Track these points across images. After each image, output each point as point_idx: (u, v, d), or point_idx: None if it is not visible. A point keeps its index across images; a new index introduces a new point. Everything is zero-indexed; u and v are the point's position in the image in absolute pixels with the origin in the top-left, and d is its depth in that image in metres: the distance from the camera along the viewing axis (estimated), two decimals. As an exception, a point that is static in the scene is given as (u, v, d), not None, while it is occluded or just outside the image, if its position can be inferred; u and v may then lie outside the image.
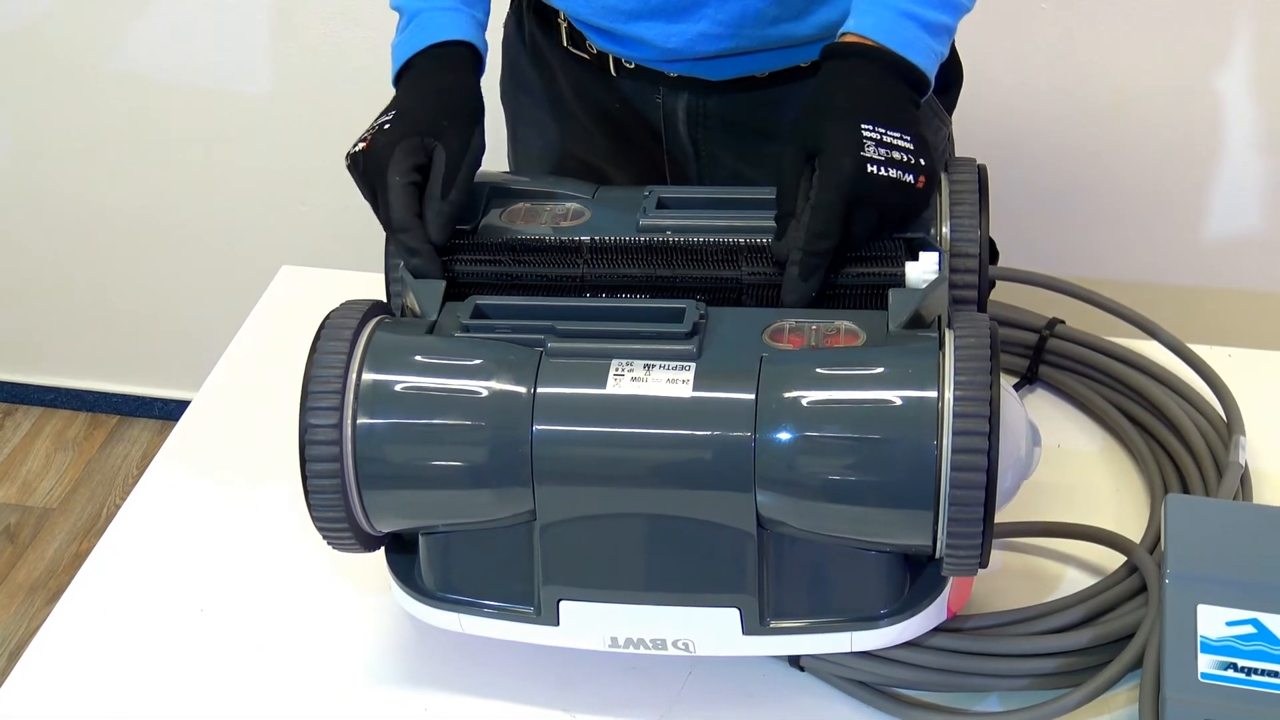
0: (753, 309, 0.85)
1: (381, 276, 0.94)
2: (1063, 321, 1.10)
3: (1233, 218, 1.77)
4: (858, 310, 0.83)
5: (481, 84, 0.99)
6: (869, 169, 0.83)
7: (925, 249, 0.85)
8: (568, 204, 0.95)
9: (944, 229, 0.88)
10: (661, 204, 0.92)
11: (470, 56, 0.99)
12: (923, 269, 0.84)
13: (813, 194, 0.84)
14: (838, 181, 0.83)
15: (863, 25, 0.91)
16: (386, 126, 0.92)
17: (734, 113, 1.15)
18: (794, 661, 0.89)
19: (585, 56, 1.17)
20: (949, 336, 0.77)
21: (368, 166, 0.91)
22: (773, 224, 0.87)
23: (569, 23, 1.16)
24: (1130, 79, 1.68)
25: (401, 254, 0.88)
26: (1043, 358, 1.09)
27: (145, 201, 2.11)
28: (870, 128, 0.85)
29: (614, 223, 0.91)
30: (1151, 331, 1.07)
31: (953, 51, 1.22)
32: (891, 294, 0.82)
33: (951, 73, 1.21)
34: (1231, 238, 1.78)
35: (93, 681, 0.92)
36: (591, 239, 0.89)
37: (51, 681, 0.93)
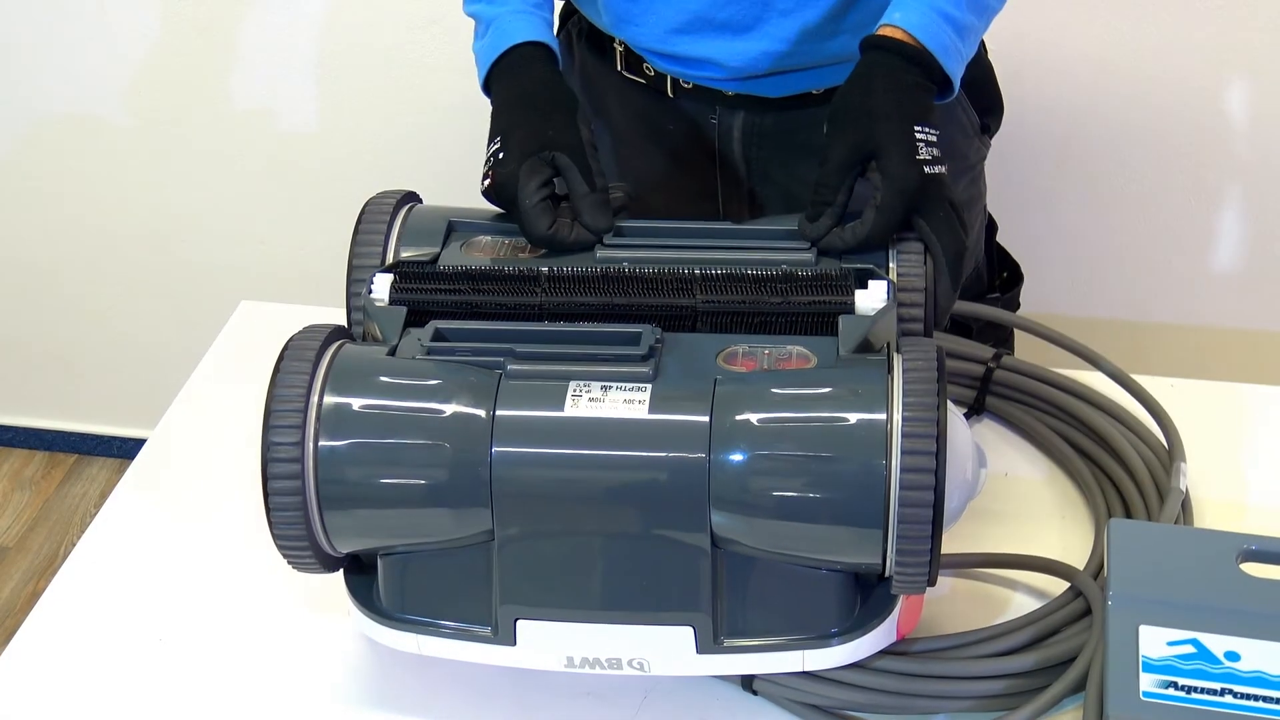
0: (707, 334, 0.86)
1: (341, 311, 0.94)
2: (1009, 353, 1.11)
3: (1173, 255, 1.81)
4: (809, 336, 0.85)
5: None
6: (925, 170, 0.91)
7: (874, 278, 0.88)
8: None
9: (892, 261, 0.90)
10: (619, 232, 0.94)
11: (546, 54, 1.03)
12: (872, 297, 0.86)
13: (879, 196, 0.90)
14: (903, 187, 0.90)
15: (908, 21, 0.95)
16: (501, 156, 0.96)
17: (789, 130, 1.17)
18: (747, 685, 0.90)
19: (641, 80, 1.19)
20: (897, 360, 0.79)
21: (500, 198, 0.96)
22: (729, 255, 0.91)
23: (625, 48, 1.18)
24: (1071, 117, 1.72)
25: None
26: (989, 389, 1.11)
27: (102, 239, 2.10)
28: (919, 129, 0.91)
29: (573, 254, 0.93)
30: (1095, 362, 1.09)
31: (994, 80, 1.25)
32: (842, 320, 0.84)
33: (994, 98, 1.26)
34: (1172, 274, 1.82)
35: (52, 713, 0.92)
36: (550, 269, 0.90)
37: (11, 715, 0.92)
